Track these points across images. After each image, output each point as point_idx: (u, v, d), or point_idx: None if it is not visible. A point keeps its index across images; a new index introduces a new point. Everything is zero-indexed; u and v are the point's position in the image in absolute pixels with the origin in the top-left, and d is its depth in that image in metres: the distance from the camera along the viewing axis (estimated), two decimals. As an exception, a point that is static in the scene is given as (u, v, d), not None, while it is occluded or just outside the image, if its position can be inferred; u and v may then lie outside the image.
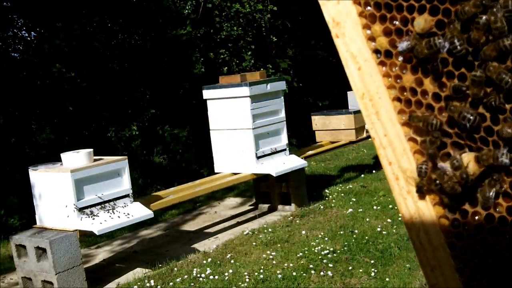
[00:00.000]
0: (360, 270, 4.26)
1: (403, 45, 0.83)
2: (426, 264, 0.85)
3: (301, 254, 4.72)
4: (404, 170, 0.86)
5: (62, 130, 7.94)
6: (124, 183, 4.75)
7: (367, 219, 5.50)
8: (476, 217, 0.80)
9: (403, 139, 0.85)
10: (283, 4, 11.08)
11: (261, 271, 4.44)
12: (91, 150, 4.75)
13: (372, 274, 4.17)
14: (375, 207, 5.86)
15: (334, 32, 0.88)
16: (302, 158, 6.44)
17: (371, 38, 0.86)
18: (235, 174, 5.96)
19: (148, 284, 4.45)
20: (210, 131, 6.13)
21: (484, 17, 0.76)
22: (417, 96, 0.83)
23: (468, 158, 0.80)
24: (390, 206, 5.82)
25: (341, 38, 0.88)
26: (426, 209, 0.84)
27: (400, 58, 0.84)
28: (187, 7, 9.45)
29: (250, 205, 6.82)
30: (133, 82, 8.80)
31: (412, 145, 0.85)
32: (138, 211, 4.72)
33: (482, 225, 0.80)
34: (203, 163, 8.89)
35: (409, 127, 0.85)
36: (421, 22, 0.82)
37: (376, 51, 0.85)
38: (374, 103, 0.86)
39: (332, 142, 7.22)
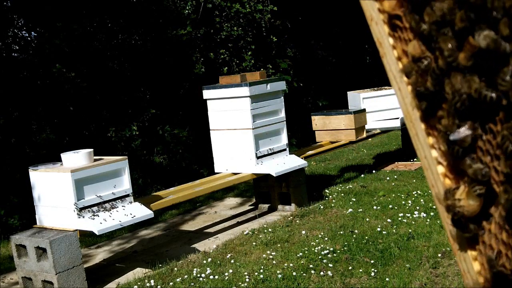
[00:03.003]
0: (360, 270, 4.27)
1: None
2: None
3: (301, 254, 4.73)
4: (437, 194, 0.84)
5: (62, 130, 7.94)
6: (124, 183, 4.76)
7: (367, 219, 5.50)
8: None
9: (435, 162, 0.84)
10: (283, 4, 11.09)
11: (261, 271, 4.44)
12: (91, 150, 4.75)
13: (372, 274, 4.17)
14: (375, 207, 5.86)
15: (380, 52, 0.88)
16: (302, 158, 6.45)
17: (398, 58, 0.86)
18: (235, 174, 5.96)
19: (148, 284, 4.46)
20: (210, 131, 6.13)
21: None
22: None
23: (461, 192, 0.78)
24: (390, 206, 5.82)
25: (384, 58, 0.88)
26: (462, 238, 0.82)
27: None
28: (187, 7, 9.45)
29: (250, 205, 6.82)
30: (133, 82, 8.80)
31: (440, 168, 0.83)
32: (138, 211, 4.72)
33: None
34: (203, 163, 8.90)
35: (436, 150, 0.83)
36: (410, 48, 0.81)
37: (403, 71, 0.85)
38: (413, 124, 0.85)
39: (332, 142, 7.22)
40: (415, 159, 8.25)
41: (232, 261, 4.77)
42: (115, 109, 8.49)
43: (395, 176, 7.21)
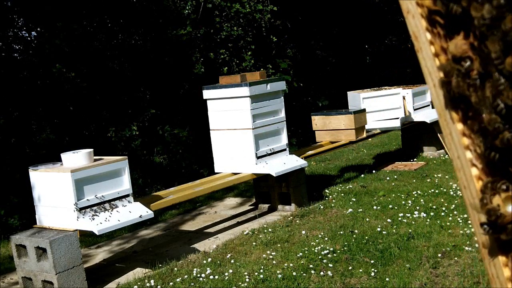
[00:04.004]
0: (360, 270, 4.26)
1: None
2: None
3: (301, 254, 4.72)
4: (470, 196, 0.82)
5: (62, 130, 7.94)
6: (124, 183, 4.75)
7: (367, 219, 5.50)
8: None
9: (469, 164, 0.81)
10: (283, 4, 11.09)
11: (261, 271, 4.44)
12: (91, 150, 4.75)
13: (372, 274, 4.17)
14: (375, 207, 5.86)
15: (415, 46, 0.86)
16: (302, 158, 6.44)
17: (436, 55, 0.83)
18: (235, 174, 5.96)
19: (148, 284, 4.46)
20: (210, 131, 6.13)
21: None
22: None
23: (498, 199, 0.76)
24: (390, 206, 5.82)
25: (419, 53, 0.85)
26: (494, 243, 0.80)
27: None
28: (187, 7, 9.45)
29: (250, 205, 6.82)
30: (133, 82, 8.81)
31: (474, 171, 0.81)
32: (138, 211, 4.72)
33: None
34: (203, 163, 8.90)
35: (471, 152, 0.81)
36: (452, 46, 0.78)
37: (441, 69, 0.82)
38: (447, 123, 0.83)
39: (332, 142, 7.22)
40: (415, 159, 8.25)
41: (232, 261, 4.77)
42: (115, 109, 8.49)
43: (395, 176, 7.21)
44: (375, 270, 4.22)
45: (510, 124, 0.75)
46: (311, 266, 4.42)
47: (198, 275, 4.50)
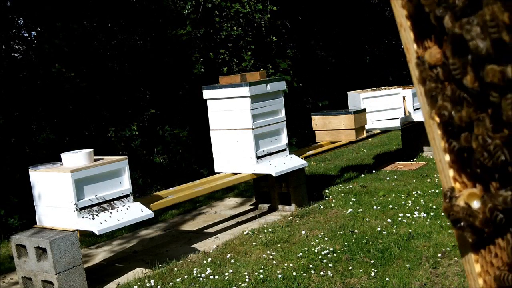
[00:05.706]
0: (360, 270, 4.26)
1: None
2: None
3: (301, 254, 4.72)
4: None
5: (62, 130, 7.94)
6: (124, 183, 4.75)
7: (367, 219, 5.50)
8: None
9: (447, 166, 0.86)
10: (283, 4, 11.09)
11: (261, 271, 4.44)
12: (91, 150, 4.75)
13: (372, 274, 4.17)
14: (375, 207, 5.86)
15: (407, 57, 0.90)
16: (302, 158, 6.44)
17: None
18: (235, 174, 5.96)
19: (148, 284, 4.46)
20: (210, 131, 6.13)
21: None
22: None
23: (464, 196, 0.80)
24: (390, 206, 5.82)
25: (410, 63, 0.90)
26: (467, 241, 0.84)
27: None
28: (187, 7, 9.45)
29: (250, 205, 6.82)
30: (133, 82, 8.80)
31: (451, 172, 0.86)
32: (138, 211, 4.72)
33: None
34: (203, 163, 8.89)
35: (450, 155, 0.86)
36: (427, 55, 0.82)
37: (419, 78, 0.87)
38: (432, 128, 0.89)
39: (332, 142, 7.22)
40: (415, 159, 8.25)
41: (232, 261, 4.77)
42: (115, 109, 8.49)
43: (395, 176, 7.21)
44: (375, 270, 4.22)
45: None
46: (311, 266, 4.42)
47: (198, 275, 4.50)
